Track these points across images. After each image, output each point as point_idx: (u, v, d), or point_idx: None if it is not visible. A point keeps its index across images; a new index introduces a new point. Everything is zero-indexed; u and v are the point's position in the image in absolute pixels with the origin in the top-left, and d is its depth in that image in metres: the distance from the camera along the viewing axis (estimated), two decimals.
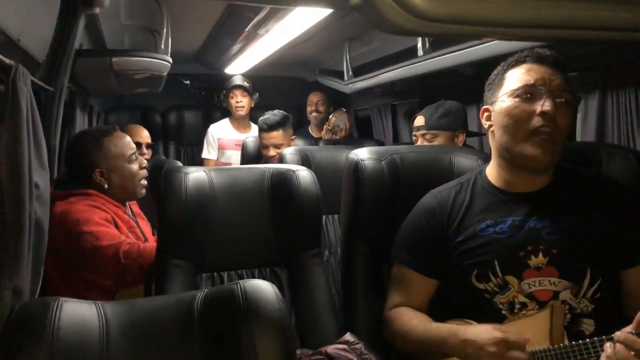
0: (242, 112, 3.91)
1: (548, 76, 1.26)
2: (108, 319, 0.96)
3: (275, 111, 3.10)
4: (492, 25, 0.60)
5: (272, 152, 3.00)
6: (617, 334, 1.10)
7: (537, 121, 1.25)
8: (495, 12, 0.59)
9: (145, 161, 2.07)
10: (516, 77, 1.30)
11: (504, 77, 1.33)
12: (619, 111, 1.90)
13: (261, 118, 3.10)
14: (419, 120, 2.27)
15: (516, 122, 1.27)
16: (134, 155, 2.00)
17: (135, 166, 1.99)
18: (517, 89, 1.28)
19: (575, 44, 1.19)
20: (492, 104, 1.36)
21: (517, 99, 1.28)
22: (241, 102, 3.88)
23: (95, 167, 1.93)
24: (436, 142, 2.20)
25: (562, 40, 1.04)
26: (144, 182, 2.04)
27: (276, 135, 3.01)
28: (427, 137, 2.21)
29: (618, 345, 1.09)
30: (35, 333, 0.88)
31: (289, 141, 3.07)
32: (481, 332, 1.22)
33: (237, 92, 3.88)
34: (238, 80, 3.91)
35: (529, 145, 1.26)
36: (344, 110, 3.98)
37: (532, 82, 1.27)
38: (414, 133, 2.30)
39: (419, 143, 2.24)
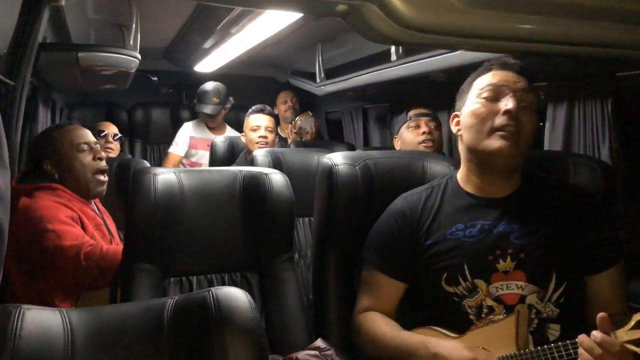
0: (214, 125, 3.99)
1: (512, 79, 1.32)
2: (73, 327, 0.92)
3: None
4: (477, 38, 0.61)
5: (265, 132, 3.04)
6: (580, 338, 1.13)
7: (501, 119, 1.29)
8: (481, 25, 0.59)
9: (102, 152, 1.99)
10: (482, 82, 1.35)
11: (472, 85, 1.38)
12: (586, 121, 1.95)
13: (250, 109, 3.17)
14: (417, 110, 2.38)
15: (481, 121, 1.31)
16: (85, 145, 1.93)
17: (86, 157, 1.93)
18: (482, 89, 1.33)
19: (553, 56, 1.22)
20: (460, 109, 1.40)
21: (482, 100, 1.33)
22: (210, 120, 3.96)
23: (45, 158, 1.91)
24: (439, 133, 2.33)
25: (543, 53, 1.06)
26: (102, 177, 1.96)
27: (267, 119, 3.09)
28: (432, 124, 2.33)
29: (581, 350, 1.12)
30: None
31: (274, 137, 3.13)
32: (453, 348, 1.23)
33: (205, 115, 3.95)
34: (208, 103, 3.85)
35: (493, 139, 1.29)
36: (310, 113, 3.99)
37: (495, 82, 1.32)
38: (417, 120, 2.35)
39: (422, 129, 2.31)
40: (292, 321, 1.56)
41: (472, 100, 1.35)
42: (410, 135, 2.32)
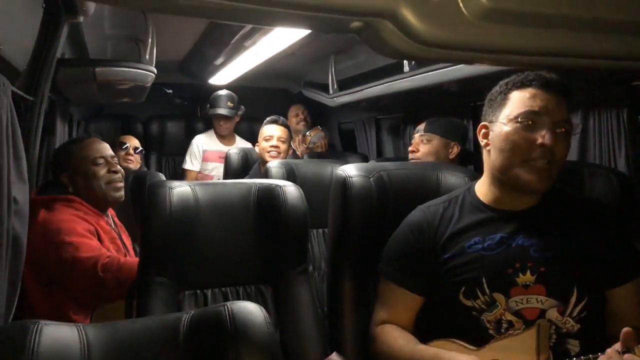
0: (225, 132, 4.03)
1: (552, 105, 1.25)
2: (90, 342, 0.93)
3: None
4: (493, 52, 0.60)
5: (277, 142, 3.04)
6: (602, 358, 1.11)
7: (535, 152, 1.24)
8: (496, 40, 0.59)
9: (118, 166, 2.03)
10: (520, 101, 1.28)
11: (507, 98, 1.30)
12: (601, 131, 1.93)
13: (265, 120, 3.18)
14: (421, 125, 2.40)
15: (514, 149, 1.26)
16: (101, 159, 1.97)
17: (101, 170, 1.96)
18: (519, 114, 1.26)
19: (568, 70, 1.20)
20: (491, 122, 1.34)
21: (518, 125, 1.26)
22: (224, 124, 3.99)
23: (62, 171, 1.94)
24: (429, 146, 2.31)
25: (557, 67, 1.05)
26: (117, 185, 1.99)
27: (280, 129, 3.10)
28: (424, 139, 2.34)
29: None
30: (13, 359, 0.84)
31: (286, 147, 3.13)
32: None
33: (220, 117, 3.97)
34: (222, 107, 3.90)
35: (525, 171, 1.26)
36: (320, 128, 4.01)
37: (536, 109, 1.25)
38: (413, 135, 2.44)
39: (415, 142, 2.37)
40: (306, 334, 1.55)
41: (506, 119, 1.28)
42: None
